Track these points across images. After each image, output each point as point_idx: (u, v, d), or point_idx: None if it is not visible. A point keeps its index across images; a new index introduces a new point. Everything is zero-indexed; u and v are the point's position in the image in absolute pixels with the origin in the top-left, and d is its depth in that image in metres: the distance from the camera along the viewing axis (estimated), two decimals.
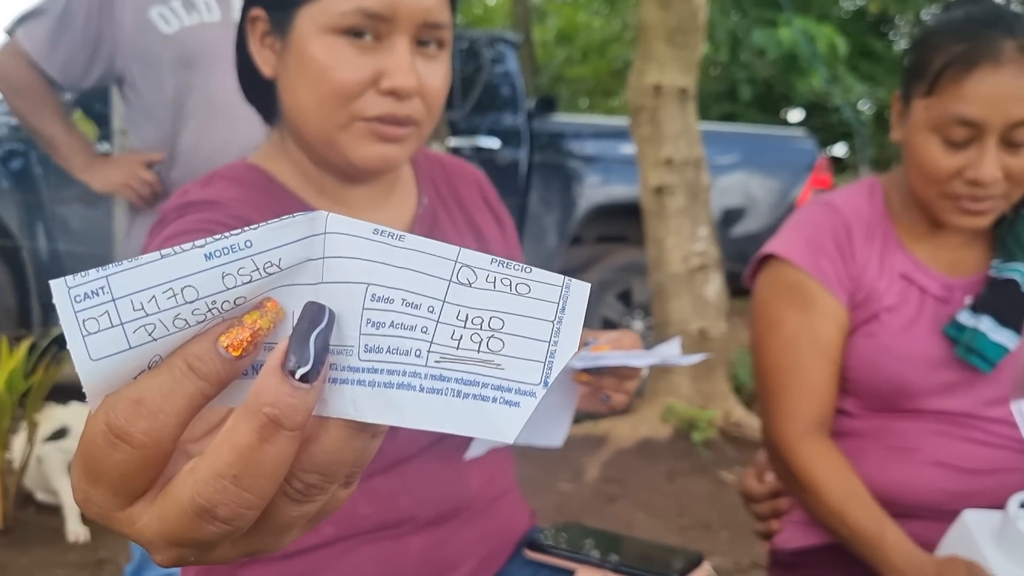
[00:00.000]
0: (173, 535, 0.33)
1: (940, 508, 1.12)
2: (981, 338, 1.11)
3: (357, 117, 0.85)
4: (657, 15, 3.73)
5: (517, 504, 1.05)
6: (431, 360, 0.33)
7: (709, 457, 3.51)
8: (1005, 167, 1.07)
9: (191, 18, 1.68)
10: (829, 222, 1.20)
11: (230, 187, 0.88)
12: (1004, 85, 1.04)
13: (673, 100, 3.77)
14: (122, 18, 1.68)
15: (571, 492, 3.17)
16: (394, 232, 0.34)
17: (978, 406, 1.15)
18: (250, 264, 0.33)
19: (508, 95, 4.58)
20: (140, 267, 0.31)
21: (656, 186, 3.77)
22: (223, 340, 0.33)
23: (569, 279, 0.34)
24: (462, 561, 0.94)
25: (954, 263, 1.19)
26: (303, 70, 0.84)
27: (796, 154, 5.04)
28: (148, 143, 1.76)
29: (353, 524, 0.89)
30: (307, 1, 0.83)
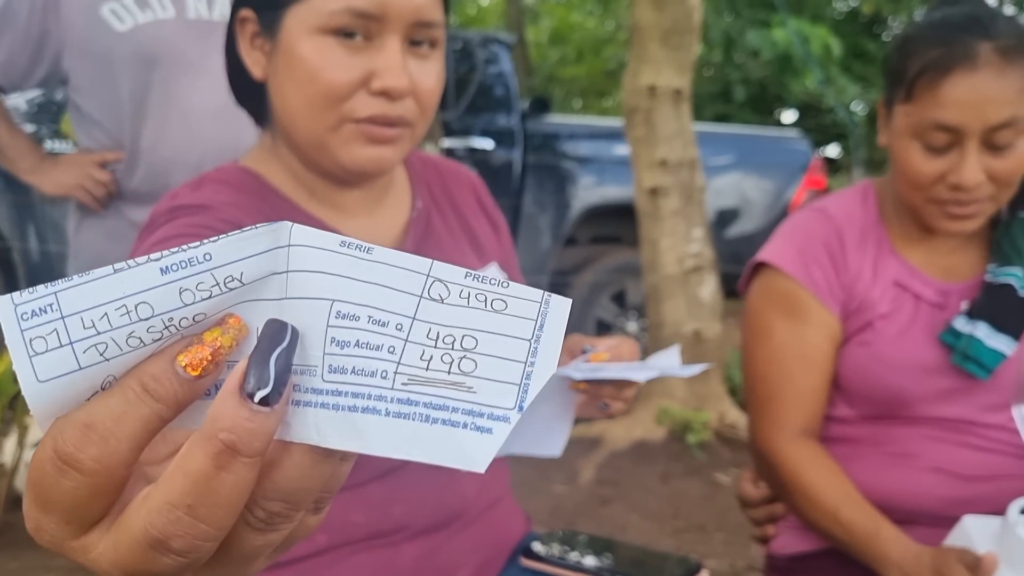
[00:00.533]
0: (128, 566, 0.31)
1: (938, 514, 1.12)
2: (978, 345, 1.10)
3: (347, 118, 0.83)
4: (651, 16, 3.72)
5: (512, 511, 1.04)
6: (398, 383, 0.31)
7: (704, 459, 3.50)
8: (988, 169, 1.06)
9: (145, 16, 1.64)
10: (822, 230, 1.19)
11: (221, 190, 0.86)
12: (980, 89, 1.03)
13: (668, 101, 3.76)
14: (70, 16, 1.64)
15: (565, 494, 3.16)
16: (362, 244, 0.32)
17: (976, 412, 1.14)
18: (209, 279, 0.31)
19: (502, 96, 4.57)
20: (91, 282, 0.29)
21: (651, 187, 3.77)
22: (181, 359, 0.31)
23: (549, 295, 0.32)
24: (457, 569, 0.93)
25: (949, 268, 1.18)
26: (292, 71, 0.82)
27: (790, 155, 5.04)
28: (101, 143, 1.71)
29: (346, 532, 0.87)
30: (296, 1, 0.81)
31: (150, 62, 1.64)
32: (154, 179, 1.68)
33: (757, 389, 1.20)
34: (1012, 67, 1.04)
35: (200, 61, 1.67)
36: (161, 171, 1.67)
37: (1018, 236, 1.16)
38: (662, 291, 3.76)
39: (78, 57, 1.65)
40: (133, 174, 1.69)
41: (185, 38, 1.66)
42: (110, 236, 1.73)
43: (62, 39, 1.65)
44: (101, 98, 1.68)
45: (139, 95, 1.65)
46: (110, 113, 1.68)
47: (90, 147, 1.72)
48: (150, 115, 1.66)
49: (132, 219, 1.71)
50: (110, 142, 1.70)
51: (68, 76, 1.68)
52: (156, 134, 1.67)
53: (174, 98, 1.66)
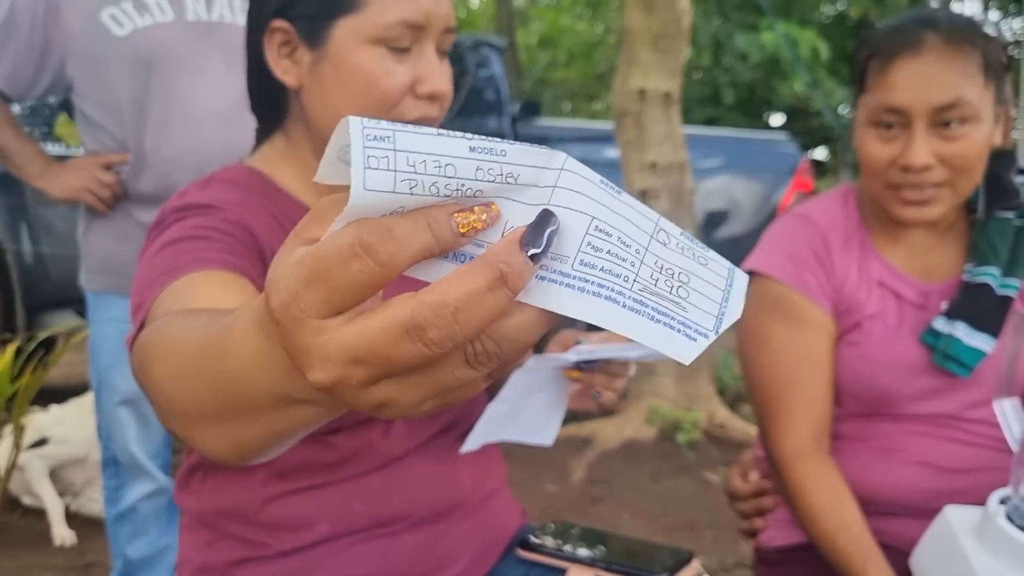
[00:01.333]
0: (363, 350, 0.37)
1: (922, 507, 1.13)
2: (957, 344, 1.12)
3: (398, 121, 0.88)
4: (641, 20, 3.77)
5: (509, 503, 1.07)
6: (635, 288, 0.40)
7: (693, 458, 3.54)
8: (939, 153, 1.09)
9: (144, 20, 1.67)
10: (807, 234, 1.21)
11: (229, 190, 0.89)
12: (923, 71, 1.07)
13: (657, 104, 3.80)
14: (71, 23, 1.66)
15: (557, 493, 3.19)
16: (614, 187, 0.41)
17: (959, 409, 1.16)
18: (497, 168, 0.39)
19: (492, 99, 4.61)
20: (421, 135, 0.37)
21: (640, 189, 3.81)
22: (457, 217, 0.38)
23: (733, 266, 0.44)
24: (455, 559, 0.96)
25: (929, 268, 1.20)
26: (345, 79, 0.86)
27: (779, 158, 5.08)
28: (106, 147, 1.74)
29: (348, 522, 0.90)
30: (346, 13, 0.85)
31: (150, 65, 1.66)
32: (159, 180, 1.70)
33: (763, 396, 1.21)
34: (956, 52, 1.08)
35: (200, 63, 1.70)
36: (166, 172, 1.70)
37: (995, 235, 1.17)
38: None
39: (80, 63, 1.69)
40: (139, 176, 1.72)
41: (184, 40, 1.69)
42: (118, 237, 1.76)
43: (64, 47, 1.68)
44: (104, 103, 1.70)
45: (140, 98, 1.68)
46: (113, 117, 1.71)
47: (95, 151, 1.75)
48: (152, 117, 1.69)
49: (139, 220, 1.74)
50: (115, 145, 1.73)
51: (72, 83, 1.71)
52: (159, 136, 1.69)
53: (175, 100, 1.69)
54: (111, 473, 1.85)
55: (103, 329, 1.79)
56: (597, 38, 13.45)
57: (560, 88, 13.74)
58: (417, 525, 0.93)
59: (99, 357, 1.80)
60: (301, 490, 0.90)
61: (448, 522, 0.96)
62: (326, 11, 0.85)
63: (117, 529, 1.85)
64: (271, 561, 0.90)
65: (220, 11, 1.74)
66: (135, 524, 1.84)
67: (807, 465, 1.15)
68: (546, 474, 3.37)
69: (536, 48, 14.30)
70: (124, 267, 1.72)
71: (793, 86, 7.75)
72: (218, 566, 0.92)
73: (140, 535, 1.85)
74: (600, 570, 0.96)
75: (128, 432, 1.79)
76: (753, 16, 9.69)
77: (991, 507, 0.93)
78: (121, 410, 1.78)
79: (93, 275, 1.80)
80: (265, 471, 0.90)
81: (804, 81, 6.92)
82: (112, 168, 1.73)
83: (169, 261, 0.77)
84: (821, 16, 11.81)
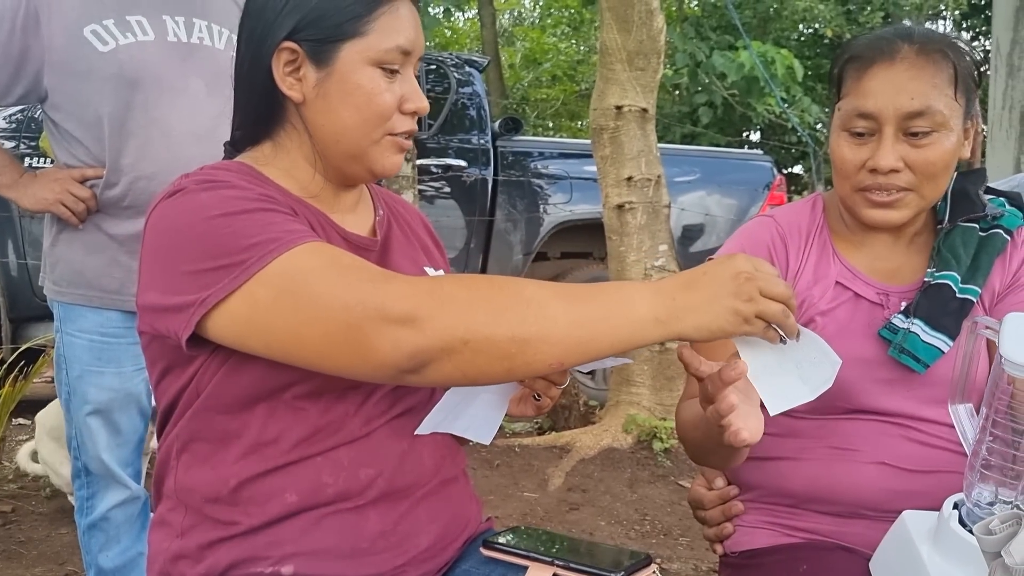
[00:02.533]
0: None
1: (882, 507, 1.14)
2: (913, 339, 1.15)
3: (388, 133, 1.01)
4: (618, 38, 3.86)
5: (468, 493, 1.13)
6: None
7: (669, 466, 3.60)
8: (907, 159, 1.13)
9: (126, 38, 1.69)
10: (766, 233, 1.26)
11: (231, 176, 0.97)
12: (896, 79, 1.12)
13: (634, 120, 3.89)
14: (51, 36, 1.66)
15: (535, 500, 3.24)
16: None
17: (916, 406, 1.18)
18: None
19: (474, 116, 4.69)
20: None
21: (617, 204, 3.89)
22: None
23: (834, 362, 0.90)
24: (418, 538, 1.01)
25: (891, 273, 1.24)
26: (349, 95, 0.99)
27: (754, 173, 5.20)
28: (80, 160, 1.73)
29: (316, 494, 0.96)
30: (353, 38, 0.98)
31: (132, 83, 1.68)
32: (135, 195, 1.72)
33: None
34: (928, 63, 1.12)
35: (181, 83, 1.73)
36: (142, 188, 1.72)
37: (957, 243, 1.20)
38: None
39: (59, 76, 1.68)
40: (112, 189, 1.72)
41: (165, 60, 1.72)
42: (88, 249, 1.76)
43: (42, 58, 1.67)
44: (81, 116, 1.70)
45: (120, 114, 1.69)
46: (90, 131, 1.71)
47: (69, 164, 1.75)
48: (133, 134, 1.70)
49: (110, 232, 1.75)
50: (90, 159, 1.72)
51: (47, 94, 1.71)
52: (138, 153, 1.71)
53: (155, 118, 1.70)
54: (82, 483, 1.85)
55: (73, 340, 1.78)
56: (582, 56, 13.61)
57: (543, 106, 13.87)
58: (381, 500, 0.99)
59: (69, 368, 1.79)
60: (275, 467, 0.95)
61: (410, 500, 1.02)
62: (337, 35, 0.98)
63: (89, 539, 1.85)
64: (241, 539, 0.95)
65: (199, 34, 1.78)
66: (107, 533, 1.84)
67: (687, 402, 1.20)
68: (525, 482, 3.42)
69: (520, 67, 14.44)
70: (94, 279, 1.75)
71: (769, 103, 7.89)
72: (191, 551, 0.97)
73: (112, 544, 1.85)
74: (559, 568, 1.01)
75: (99, 441, 1.79)
76: (730, 36, 9.86)
77: (945, 511, 0.94)
78: (92, 420, 1.79)
79: (62, 287, 1.79)
80: (239, 445, 0.95)
81: (779, 99, 7.05)
82: (86, 182, 1.72)
83: (263, 229, 0.87)
84: (796, 35, 12.01)
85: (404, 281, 0.84)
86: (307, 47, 0.98)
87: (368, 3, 0.98)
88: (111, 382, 1.79)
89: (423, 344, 0.80)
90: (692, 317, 0.84)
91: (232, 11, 1.89)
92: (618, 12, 3.84)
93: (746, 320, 0.84)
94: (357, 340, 0.81)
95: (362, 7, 0.98)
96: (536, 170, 4.81)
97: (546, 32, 14.37)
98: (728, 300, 0.84)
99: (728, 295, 0.84)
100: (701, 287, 0.85)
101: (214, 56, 1.80)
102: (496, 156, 4.64)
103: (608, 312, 0.83)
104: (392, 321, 0.80)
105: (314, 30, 0.98)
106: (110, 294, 1.76)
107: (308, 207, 1.02)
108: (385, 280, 0.83)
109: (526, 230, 4.73)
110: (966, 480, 0.92)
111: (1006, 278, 1.22)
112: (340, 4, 0.98)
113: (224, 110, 1.80)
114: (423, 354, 0.80)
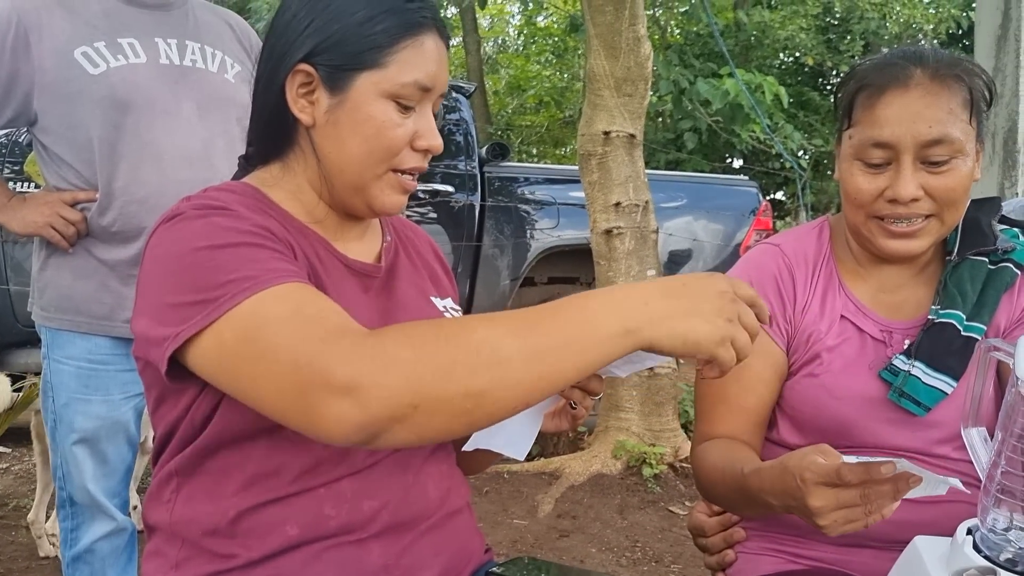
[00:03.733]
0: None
1: (889, 537, 1.12)
2: (914, 382, 1.12)
3: (394, 169, 0.99)
4: (606, 65, 3.89)
5: (472, 527, 1.11)
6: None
7: (659, 492, 3.58)
8: (926, 186, 1.10)
9: (117, 60, 1.67)
10: (773, 264, 1.24)
11: (233, 199, 0.94)
12: (911, 106, 1.09)
13: (621, 146, 3.91)
14: (41, 58, 1.65)
15: (525, 527, 3.21)
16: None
17: (924, 445, 1.16)
18: None
19: (461, 142, 4.70)
20: None
21: (605, 229, 3.89)
22: None
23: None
24: (421, 572, 0.99)
25: (895, 306, 1.21)
26: (359, 125, 0.96)
27: (740, 199, 5.23)
28: (71, 183, 1.71)
29: (317, 526, 0.93)
30: (370, 68, 0.95)
31: (123, 105, 1.66)
32: (126, 220, 1.70)
33: (697, 405, 1.25)
34: (943, 88, 1.09)
35: (173, 106, 1.71)
36: (133, 212, 1.70)
37: (964, 277, 1.17)
38: None
39: (49, 98, 1.67)
40: (104, 214, 1.70)
41: (158, 83, 1.71)
42: (77, 275, 1.73)
43: (32, 80, 1.66)
44: (71, 139, 1.68)
45: (112, 137, 1.67)
46: (81, 154, 1.69)
47: (59, 187, 1.72)
48: (124, 157, 1.68)
49: (100, 258, 1.73)
50: (80, 182, 1.70)
51: (37, 117, 1.69)
52: (129, 176, 1.68)
53: (148, 141, 1.69)
54: (67, 514, 1.81)
55: (60, 367, 1.75)
56: (565, 83, 13.71)
57: (528, 132, 13.95)
58: (384, 533, 0.96)
59: (56, 395, 1.76)
60: (276, 498, 0.93)
61: (414, 533, 0.99)
62: (353, 63, 0.95)
63: (73, 572, 1.81)
64: (239, 573, 0.92)
65: (191, 57, 1.76)
66: (92, 566, 1.80)
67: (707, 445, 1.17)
68: (514, 508, 3.39)
69: (504, 94, 14.53)
70: (83, 305, 1.72)
71: (754, 129, 7.97)
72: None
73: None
74: None
75: (85, 471, 1.76)
76: (713, 64, 9.98)
77: (959, 537, 0.92)
78: (78, 449, 1.75)
79: (50, 312, 1.76)
80: (240, 477, 0.93)
81: (764, 126, 7.12)
82: (77, 206, 1.70)
83: (243, 265, 0.83)
84: (778, 64, 12.18)
85: (351, 341, 0.76)
86: (323, 71, 0.96)
87: (391, 35, 0.96)
88: (98, 410, 1.75)
89: (367, 419, 0.74)
90: (668, 324, 0.78)
91: (226, 34, 1.88)
92: (606, 39, 3.87)
93: (721, 341, 0.79)
94: (306, 406, 0.76)
95: (384, 38, 0.95)
96: (523, 195, 4.81)
97: (530, 60, 14.47)
98: (711, 315, 0.79)
99: (712, 311, 0.80)
100: (681, 296, 0.80)
101: (207, 79, 1.79)
102: (483, 182, 4.65)
103: (569, 337, 0.77)
104: (335, 391, 0.74)
105: (332, 55, 0.96)
106: (99, 320, 1.73)
107: (310, 233, 1.00)
108: (336, 338, 0.77)
109: (513, 255, 4.72)
110: (980, 505, 0.90)
111: (1013, 314, 1.19)
112: (362, 32, 0.95)
113: (216, 133, 1.80)
114: (370, 427, 0.74)
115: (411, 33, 0.96)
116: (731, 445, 1.17)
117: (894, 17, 10.94)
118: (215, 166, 1.74)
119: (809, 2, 11.04)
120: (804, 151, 10.65)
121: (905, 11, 10.85)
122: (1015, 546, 0.87)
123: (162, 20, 1.76)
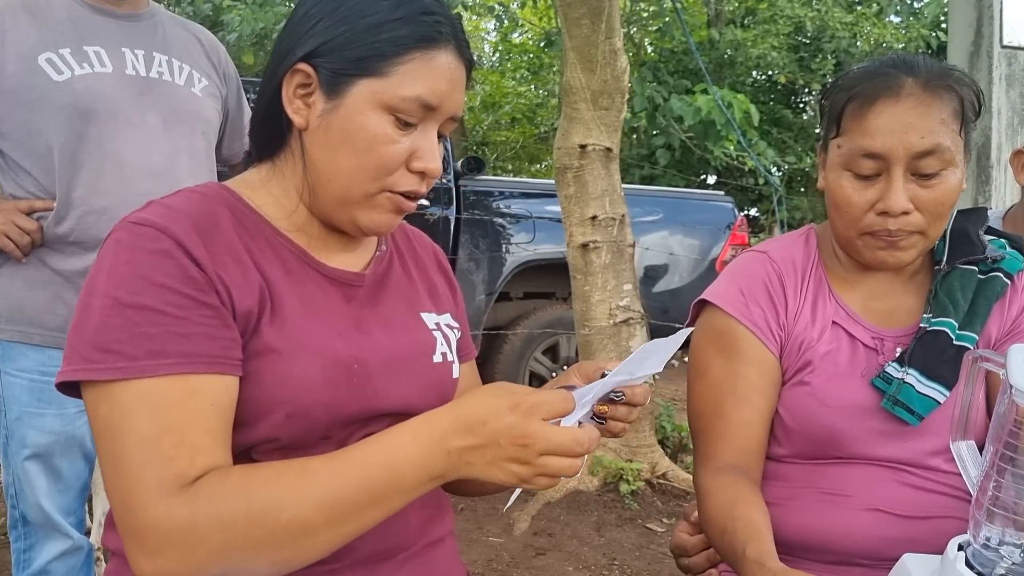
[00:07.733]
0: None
1: (877, 556, 1.10)
2: (908, 390, 1.10)
3: (387, 189, 0.93)
4: (582, 78, 3.88)
5: (453, 557, 1.06)
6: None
7: (637, 508, 3.54)
8: (916, 199, 1.08)
9: (82, 68, 1.64)
10: (763, 271, 1.21)
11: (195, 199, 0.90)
12: (903, 117, 1.06)
13: (598, 160, 3.89)
14: (3, 63, 1.62)
15: (501, 545, 3.16)
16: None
17: (914, 456, 1.13)
18: None
19: None
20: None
21: (582, 243, 3.87)
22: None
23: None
24: None
25: (887, 313, 1.19)
26: (350, 134, 0.90)
27: (716, 213, 5.24)
28: (28, 191, 1.67)
29: None
30: (371, 75, 0.90)
31: (86, 114, 1.63)
32: (83, 230, 1.66)
33: (693, 425, 1.21)
34: (934, 98, 1.07)
35: (137, 117, 1.68)
36: (92, 223, 1.65)
37: (955, 286, 1.16)
38: (594, 344, 3.84)
39: (9, 103, 1.63)
40: (61, 223, 1.65)
41: (122, 93, 1.67)
42: (30, 285, 1.68)
43: None
44: (30, 146, 1.64)
45: (72, 146, 1.63)
46: (39, 162, 1.65)
47: (16, 195, 1.68)
48: (84, 167, 1.64)
49: (55, 268, 1.68)
50: (37, 190, 1.66)
51: None
52: (89, 185, 1.65)
53: (110, 152, 1.65)
54: (19, 535, 1.74)
55: (12, 380, 1.70)
56: (540, 100, 13.75)
57: (503, 148, 13.96)
58: (359, 564, 0.92)
59: (8, 409, 1.71)
60: None
61: (391, 564, 0.94)
62: (354, 69, 0.90)
63: None
64: None
65: (158, 69, 1.73)
66: None
67: (715, 480, 1.12)
68: (490, 527, 3.33)
69: (479, 110, 14.55)
70: (36, 316, 1.67)
71: (726, 147, 8.02)
72: None
73: None
74: None
75: (38, 488, 1.70)
76: (687, 81, 10.05)
77: (950, 553, 0.90)
78: (30, 464, 1.69)
79: (1, 324, 1.71)
80: None
81: (742, 141, 7.16)
82: (33, 215, 1.66)
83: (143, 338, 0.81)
84: (751, 82, 12.29)
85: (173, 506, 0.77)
86: (322, 74, 0.91)
87: (399, 44, 0.90)
88: (52, 424, 1.70)
89: None
90: (469, 470, 0.81)
91: (194, 48, 1.85)
92: (582, 52, 3.86)
93: (525, 480, 0.81)
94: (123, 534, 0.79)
95: (390, 47, 0.90)
96: (499, 209, 4.79)
97: (505, 76, 14.51)
98: (504, 463, 0.80)
99: (504, 459, 0.80)
100: (479, 436, 0.80)
101: (173, 92, 1.75)
102: (459, 195, 4.62)
103: (377, 495, 0.80)
104: (147, 553, 0.77)
105: (333, 58, 0.90)
106: (52, 332, 1.67)
107: (282, 243, 0.94)
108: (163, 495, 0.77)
109: (489, 270, 4.69)
110: (972, 520, 0.87)
111: (1005, 324, 1.18)
112: (367, 38, 0.90)
113: (181, 147, 1.76)
114: None
115: (421, 45, 0.90)
116: (734, 496, 1.09)
117: (864, 36, 11.08)
118: (179, 179, 1.70)
119: (781, 21, 11.16)
120: (777, 167, 10.73)
121: (875, 31, 11.00)
122: (1008, 561, 0.84)
123: (130, 31, 1.73)
